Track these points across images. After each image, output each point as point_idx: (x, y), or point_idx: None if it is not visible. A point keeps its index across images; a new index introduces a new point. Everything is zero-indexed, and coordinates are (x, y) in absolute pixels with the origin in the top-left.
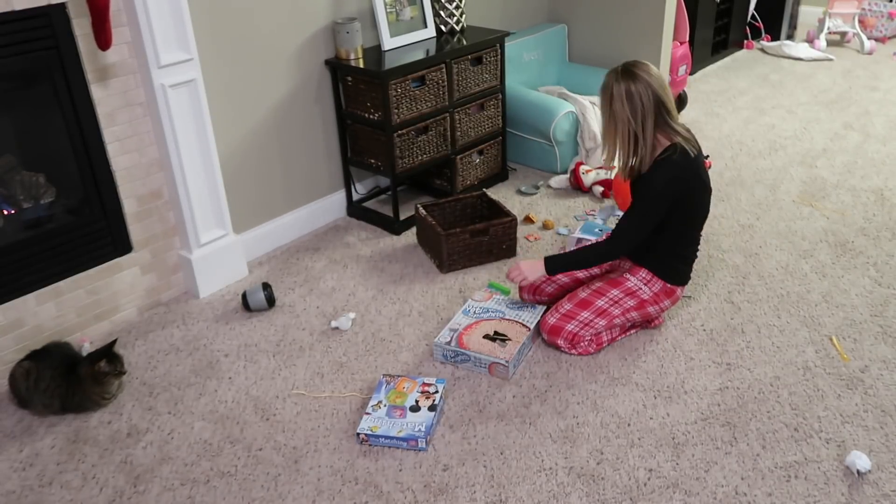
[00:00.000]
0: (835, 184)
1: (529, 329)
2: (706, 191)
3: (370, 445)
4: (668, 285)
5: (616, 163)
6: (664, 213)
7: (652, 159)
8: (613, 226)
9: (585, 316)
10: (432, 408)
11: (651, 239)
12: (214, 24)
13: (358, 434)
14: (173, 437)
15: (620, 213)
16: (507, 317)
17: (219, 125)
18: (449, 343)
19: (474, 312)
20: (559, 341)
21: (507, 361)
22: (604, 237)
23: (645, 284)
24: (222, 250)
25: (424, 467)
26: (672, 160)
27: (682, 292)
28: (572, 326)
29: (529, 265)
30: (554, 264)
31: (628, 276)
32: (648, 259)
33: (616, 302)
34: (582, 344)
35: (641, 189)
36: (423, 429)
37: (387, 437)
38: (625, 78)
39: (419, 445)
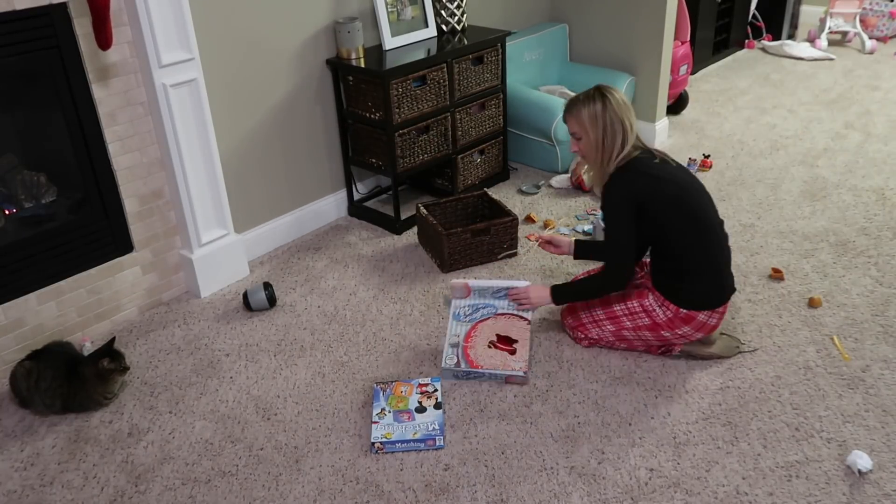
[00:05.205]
0: (836, 183)
1: (528, 320)
2: (676, 198)
3: (386, 453)
4: (683, 310)
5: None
6: (629, 224)
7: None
8: None
9: (598, 313)
10: (438, 405)
11: (658, 262)
12: (215, 23)
13: (373, 444)
14: (174, 436)
15: None
16: (500, 311)
17: (220, 124)
18: (458, 364)
19: (465, 315)
20: (568, 319)
21: (524, 372)
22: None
23: (659, 306)
24: (223, 250)
25: (425, 467)
26: (621, 173)
27: (708, 318)
28: (584, 316)
29: (537, 293)
30: (562, 295)
31: (649, 293)
32: (657, 280)
33: (631, 313)
34: (578, 334)
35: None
36: (437, 427)
37: (403, 442)
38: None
39: (437, 444)
